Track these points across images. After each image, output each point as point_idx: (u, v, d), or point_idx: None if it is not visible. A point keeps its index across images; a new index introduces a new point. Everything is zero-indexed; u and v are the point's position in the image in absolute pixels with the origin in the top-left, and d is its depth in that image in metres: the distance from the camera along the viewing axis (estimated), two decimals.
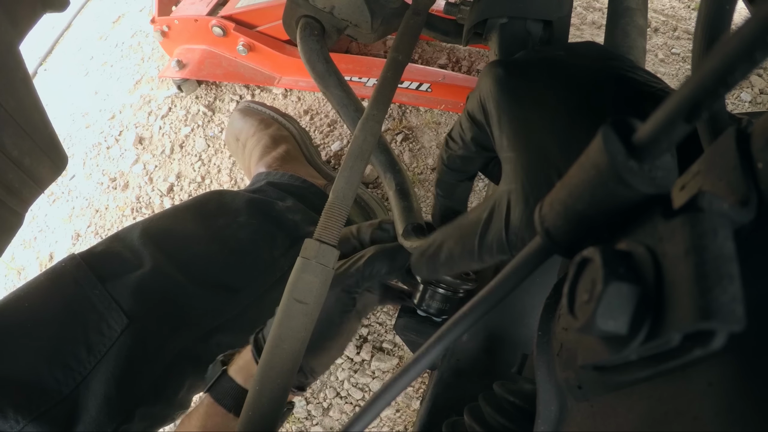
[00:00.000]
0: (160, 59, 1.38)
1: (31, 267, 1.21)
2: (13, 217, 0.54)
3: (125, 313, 0.66)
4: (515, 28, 0.53)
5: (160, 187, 1.19)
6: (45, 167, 0.55)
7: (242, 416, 0.36)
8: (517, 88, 0.30)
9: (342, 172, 0.42)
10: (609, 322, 0.17)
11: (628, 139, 0.19)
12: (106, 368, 0.64)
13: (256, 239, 0.79)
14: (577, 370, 0.22)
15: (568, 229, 0.21)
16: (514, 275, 0.24)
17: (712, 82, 0.15)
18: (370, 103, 0.46)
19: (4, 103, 0.48)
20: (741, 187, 0.17)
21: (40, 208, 1.27)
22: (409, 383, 0.27)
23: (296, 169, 0.95)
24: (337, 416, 0.88)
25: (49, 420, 0.60)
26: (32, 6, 0.52)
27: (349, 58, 1.11)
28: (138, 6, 1.55)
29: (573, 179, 0.20)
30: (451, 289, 0.46)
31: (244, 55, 1.13)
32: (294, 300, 0.38)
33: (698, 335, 0.15)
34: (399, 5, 0.65)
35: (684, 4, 1.17)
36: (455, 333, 0.25)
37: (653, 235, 0.18)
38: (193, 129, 1.23)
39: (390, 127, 1.09)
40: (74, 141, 1.34)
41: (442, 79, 1.03)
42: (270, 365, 0.37)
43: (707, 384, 0.16)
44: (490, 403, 0.36)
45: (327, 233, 0.40)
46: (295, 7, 0.65)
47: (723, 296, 0.14)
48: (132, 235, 0.74)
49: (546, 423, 0.24)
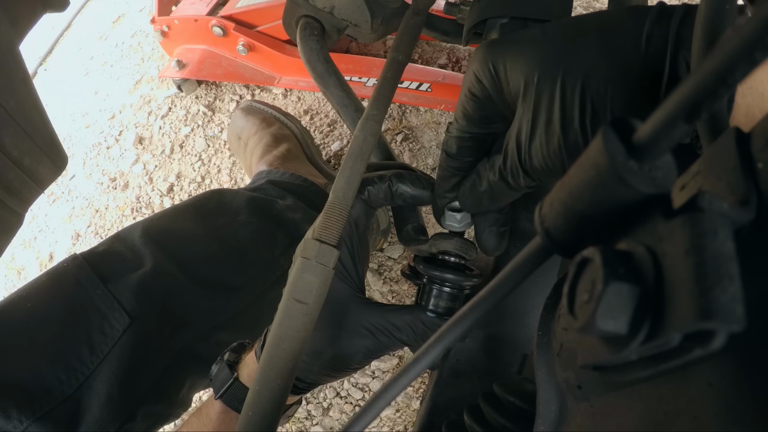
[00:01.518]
0: (160, 59, 1.38)
1: (31, 267, 1.21)
2: (13, 217, 0.54)
3: (127, 312, 0.66)
4: (515, 28, 0.53)
5: (160, 187, 1.19)
6: (45, 167, 0.55)
7: (242, 416, 0.36)
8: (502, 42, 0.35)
9: (342, 172, 0.42)
10: (609, 322, 0.17)
11: (628, 139, 0.19)
12: (109, 368, 0.64)
13: (256, 238, 0.79)
14: (577, 370, 0.22)
15: (568, 229, 0.21)
16: (514, 275, 0.24)
17: (712, 82, 0.15)
18: (370, 103, 0.46)
19: (4, 103, 0.48)
20: (741, 187, 0.17)
21: (40, 208, 1.27)
22: (409, 383, 0.27)
23: (297, 167, 0.95)
24: (337, 416, 0.89)
25: (53, 420, 0.60)
26: (32, 6, 0.52)
27: (349, 58, 1.11)
28: (138, 6, 1.55)
29: (573, 179, 0.20)
30: (457, 287, 0.46)
31: (244, 55, 1.13)
32: (294, 300, 0.38)
33: (698, 335, 0.15)
34: (399, 5, 0.65)
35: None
36: (455, 333, 0.25)
37: (653, 235, 0.18)
38: (193, 129, 1.23)
39: (390, 127, 1.09)
40: (74, 141, 1.34)
41: (442, 79, 1.03)
42: (270, 365, 0.37)
43: (707, 384, 0.16)
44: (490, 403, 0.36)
45: (327, 233, 0.40)
46: (295, 7, 0.65)
47: (723, 296, 0.14)
48: (133, 235, 0.74)
49: (546, 423, 0.24)
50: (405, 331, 0.44)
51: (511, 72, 0.34)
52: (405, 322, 0.44)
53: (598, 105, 0.31)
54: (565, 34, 0.32)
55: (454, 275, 0.45)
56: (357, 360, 0.45)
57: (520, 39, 0.34)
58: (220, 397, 0.49)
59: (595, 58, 0.31)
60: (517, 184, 0.36)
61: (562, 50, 0.32)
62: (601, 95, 0.30)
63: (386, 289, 0.96)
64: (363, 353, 0.45)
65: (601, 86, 0.30)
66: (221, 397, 0.49)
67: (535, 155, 0.34)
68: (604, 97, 0.30)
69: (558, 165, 0.33)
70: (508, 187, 0.37)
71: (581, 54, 0.31)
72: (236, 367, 0.51)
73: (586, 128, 0.31)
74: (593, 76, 0.30)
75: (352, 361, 0.45)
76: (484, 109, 0.37)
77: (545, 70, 0.32)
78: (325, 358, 0.45)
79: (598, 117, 0.31)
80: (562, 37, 0.32)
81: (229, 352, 0.53)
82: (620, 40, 0.30)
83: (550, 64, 0.32)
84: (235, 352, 0.53)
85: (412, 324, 0.44)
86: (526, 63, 0.33)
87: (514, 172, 0.36)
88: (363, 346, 0.45)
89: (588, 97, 0.31)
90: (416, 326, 0.44)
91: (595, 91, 0.30)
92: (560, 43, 0.32)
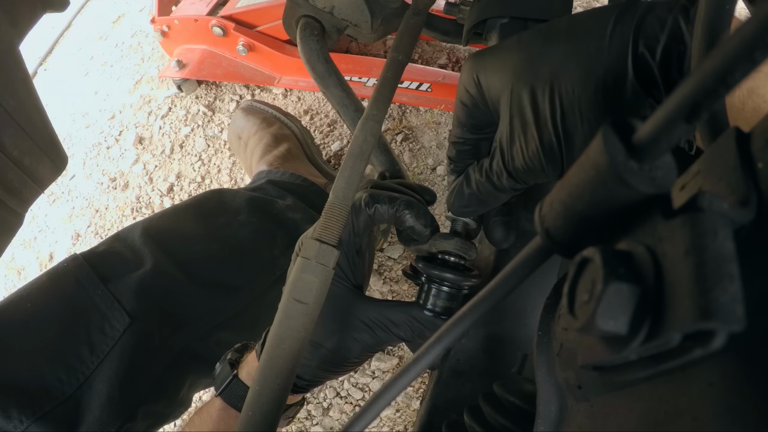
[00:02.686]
0: (160, 59, 1.38)
1: (31, 267, 1.21)
2: (13, 217, 0.54)
3: (127, 312, 0.66)
4: (515, 28, 0.53)
5: (160, 187, 1.19)
6: (45, 167, 0.55)
7: (242, 416, 0.36)
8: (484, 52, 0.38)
9: (342, 172, 0.42)
10: (609, 322, 0.17)
11: (628, 139, 0.19)
12: (109, 368, 0.64)
13: (256, 238, 0.79)
14: (577, 370, 0.22)
15: (568, 229, 0.21)
16: (514, 275, 0.24)
17: (712, 82, 0.15)
18: (370, 103, 0.46)
19: (4, 103, 0.48)
20: (741, 187, 0.17)
21: (40, 208, 1.27)
22: (409, 383, 0.27)
23: (297, 167, 0.95)
24: (337, 416, 0.89)
25: (53, 420, 0.60)
26: (32, 6, 0.52)
27: (349, 58, 1.11)
28: (138, 6, 1.55)
29: (573, 179, 0.20)
30: (456, 286, 0.46)
31: (244, 55, 1.13)
32: (294, 300, 0.38)
33: (698, 335, 0.15)
34: (399, 5, 0.65)
35: None
36: (455, 333, 0.25)
37: (653, 235, 0.18)
38: (193, 129, 1.23)
39: (390, 127, 1.09)
40: (74, 141, 1.34)
41: (442, 79, 1.03)
42: (270, 365, 0.37)
43: (707, 384, 0.16)
44: (490, 403, 0.36)
45: (327, 233, 0.40)
46: (295, 7, 0.65)
47: (723, 296, 0.14)
48: (133, 235, 0.75)
49: (546, 423, 0.24)
50: (402, 328, 0.45)
51: (491, 81, 0.36)
52: (403, 319, 0.45)
53: (567, 106, 0.32)
54: (537, 40, 0.35)
55: (453, 275, 0.45)
56: (355, 354, 0.46)
57: (499, 49, 0.37)
58: (219, 394, 0.50)
59: (561, 61, 0.32)
60: (502, 185, 0.38)
61: (533, 56, 0.34)
62: (569, 96, 0.32)
63: (386, 289, 0.96)
64: (361, 348, 0.46)
65: (568, 87, 0.32)
66: (221, 394, 0.50)
67: (516, 157, 0.36)
68: (571, 97, 0.32)
69: (538, 165, 0.35)
70: (494, 188, 0.39)
71: (550, 58, 0.33)
72: (237, 366, 0.51)
73: (558, 129, 0.33)
74: (561, 79, 0.32)
75: (350, 355, 0.46)
76: (474, 117, 0.39)
77: (518, 77, 0.34)
78: (323, 351, 0.45)
79: (567, 118, 0.32)
80: (534, 44, 0.35)
81: (232, 352, 0.54)
82: (585, 42, 0.32)
83: (523, 70, 0.34)
84: (237, 352, 0.53)
85: (409, 321, 0.45)
86: (503, 71, 0.35)
87: (499, 173, 0.37)
88: (361, 340, 0.45)
89: (556, 100, 0.32)
90: (413, 324, 0.45)
91: (563, 93, 0.32)
92: (532, 49, 0.34)
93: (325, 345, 0.45)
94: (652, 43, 0.29)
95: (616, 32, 0.30)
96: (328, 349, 0.45)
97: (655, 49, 0.29)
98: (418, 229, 0.45)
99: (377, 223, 0.46)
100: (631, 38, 0.29)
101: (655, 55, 0.29)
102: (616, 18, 0.30)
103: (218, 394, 0.50)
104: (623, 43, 0.30)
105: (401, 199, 0.44)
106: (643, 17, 0.29)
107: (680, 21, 0.28)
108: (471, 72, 0.38)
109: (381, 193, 0.45)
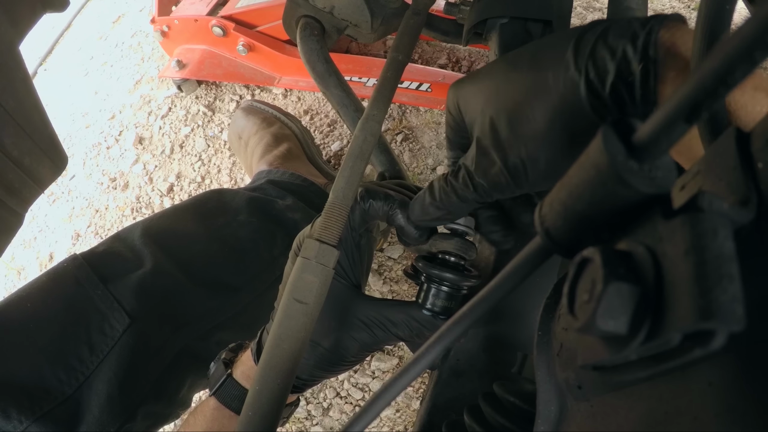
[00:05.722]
0: (160, 59, 1.38)
1: (31, 267, 1.21)
2: (13, 217, 0.54)
3: (127, 312, 0.66)
4: (515, 28, 0.53)
5: (160, 187, 1.19)
6: (45, 167, 0.55)
7: (242, 416, 0.36)
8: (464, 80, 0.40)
9: (342, 172, 0.42)
10: (609, 322, 0.17)
11: (628, 139, 0.19)
12: (109, 368, 0.64)
13: (256, 238, 0.79)
14: (577, 370, 0.22)
15: (568, 229, 0.21)
16: (514, 275, 0.24)
17: (712, 82, 0.15)
18: (370, 103, 0.46)
19: (4, 103, 0.48)
20: (741, 187, 0.17)
21: (40, 208, 1.27)
22: (409, 383, 0.27)
23: (297, 167, 0.95)
24: (337, 416, 0.89)
25: (53, 420, 0.60)
26: (32, 6, 0.52)
27: (349, 58, 1.11)
28: (138, 6, 1.55)
29: (573, 179, 0.20)
30: (455, 287, 0.46)
31: (244, 55, 1.13)
32: (294, 300, 0.38)
33: (698, 335, 0.15)
34: (399, 5, 0.65)
35: (684, 4, 1.17)
36: (455, 333, 0.25)
37: (653, 235, 0.18)
38: (193, 129, 1.23)
39: (390, 127, 1.09)
40: (74, 141, 1.34)
41: (442, 79, 1.03)
42: (270, 365, 0.37)
43: (707, 384, 0.16)
44: (490, 403, 0.36)
45: (327, 233, 0.40)
46: (295, 7, 0.65)
47: (723, 296, 0.14)
48: (133, 235, 0.75)
49: (546, 423, 0.24)
50: (401, 327, 0.45)
51: (468, 106, 0.39)
52: (401, 318, 0.45)
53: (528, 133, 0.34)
54: (504, 68, 0.37)
55: (452, 275, 0.45)
56: (353, 353, 0.46)
57: (477, 75, 0.39)
58: (213, 394, 0.50)
59: (524, 90, 0.34)
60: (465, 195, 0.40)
61: (500, 84, 0.36)
62: (530, 124, 0.33)
63: (386, 289, 0.96)
64: (359, 347, 0.46)
65: (529, 115, 0.33)
66: (215, 393, 0.50)
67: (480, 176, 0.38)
68: (533, 125, 0.33)
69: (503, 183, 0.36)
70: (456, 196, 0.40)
71: (514, 86, 0.35)
72: (231, 365, 0.51)
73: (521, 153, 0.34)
74: (523, 106, 0.34)
75: (348, 353, 0.46)
76: (460, 137, 0.42)
77: (486, 104, 0.36)
78: (320, 350, 0.45)
79: (528, 144, 0.34)
80: (502, 71, 0.37)
81: (227, 351, 0.53)
82: (544, 70, 0.33)
83: (490, 98, 0.36)
84: (232, 352, 0.53)
85: (407, 320, 0.45)
86: (476, 97, 0.38)
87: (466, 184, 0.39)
88: (359, 339, 0.45)
89: (517, 127, 0.34)
90: (412, 323, 0.45)
91: (524, 121, 0.34)
92: (500, 76, 0.37)
93: (322, 343, 0.45)
94: (602, 74, 0.30)
95: (571, 62, 0.31)
96: (326, 348, 0.45)
97: (605, 80, 0.30)
98: (408, 230, 0.45)
99: (371, 219, 0.46)
100: (583, 69, 0.30)
101: (605, 86, 0.30)
102: (574, 46, 0.31)
103: (212, 394, 0.50)
104: (578, 72, 0.31)
105: (396, 198, 0.44)
106: (594, 47, 0.30)
107: (628, 51, 0.29)
108: (453, 97, 0.40)
109: (377, 189, 0.45)
